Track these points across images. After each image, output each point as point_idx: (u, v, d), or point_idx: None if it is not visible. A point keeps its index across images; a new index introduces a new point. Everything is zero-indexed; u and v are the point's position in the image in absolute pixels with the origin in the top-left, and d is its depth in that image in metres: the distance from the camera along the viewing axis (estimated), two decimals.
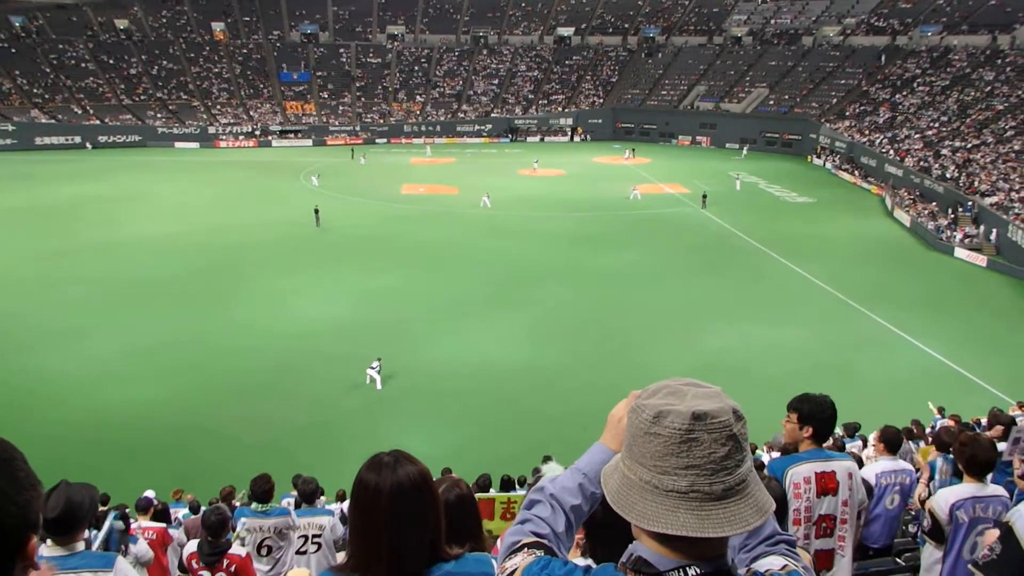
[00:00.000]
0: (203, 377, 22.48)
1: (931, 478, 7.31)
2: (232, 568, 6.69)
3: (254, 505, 7.81)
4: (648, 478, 1.56)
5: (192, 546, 6.93)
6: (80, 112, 73.96)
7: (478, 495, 9.92)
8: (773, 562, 1.98)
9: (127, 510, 9.84)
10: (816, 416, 4.71)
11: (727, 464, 1.54)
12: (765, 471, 4.88)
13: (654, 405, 1.59)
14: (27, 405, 20.39)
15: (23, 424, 18.72)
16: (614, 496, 1.64)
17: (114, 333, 25.61)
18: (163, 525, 8.76)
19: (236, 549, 6.87)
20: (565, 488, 2.07)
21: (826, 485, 4.75)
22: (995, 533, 4.36)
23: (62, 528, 4.00)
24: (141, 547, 6.63)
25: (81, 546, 4.16)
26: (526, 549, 1.91)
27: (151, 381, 22.05)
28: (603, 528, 2.26)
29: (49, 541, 4.03)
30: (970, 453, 5.32)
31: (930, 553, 5.39)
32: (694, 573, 1.58)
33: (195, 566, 6.73)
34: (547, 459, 3.74)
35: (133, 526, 7.73)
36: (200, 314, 27.44)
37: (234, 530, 8.01)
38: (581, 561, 1.90)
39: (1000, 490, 5.35)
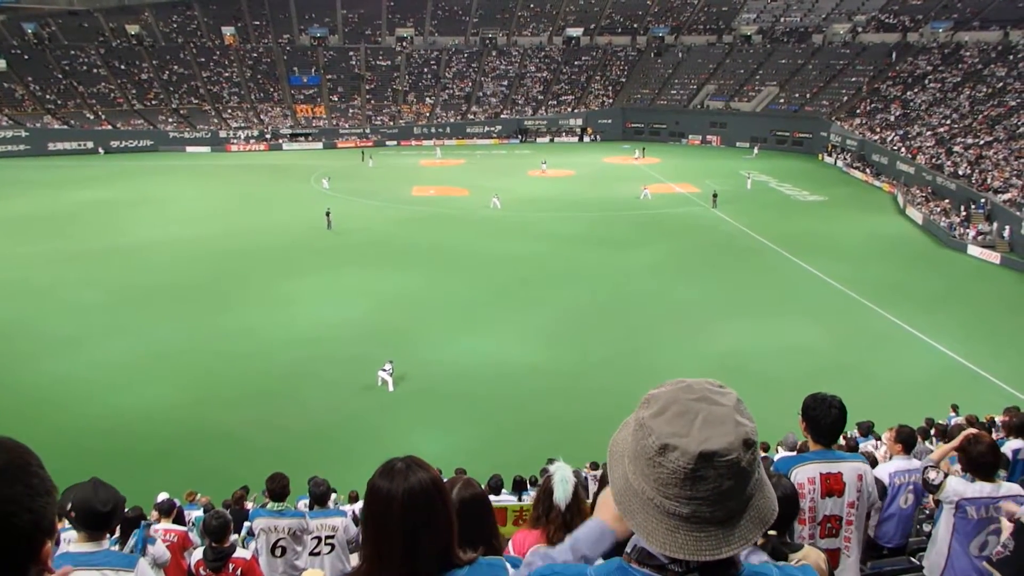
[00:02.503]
0: (213, 381, 22.57)
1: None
2: (238, 572, 6.71)
3: (270, 505, 7.85)
4: (651, 495, 1.55)
5: (199, 554, 6.97)
6: (92, 117, 74.45)
7: (490, 498, 9.93)
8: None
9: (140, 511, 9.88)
10: (810, 411, 4.67)
11: (732, 494, 1.51)
12: (772, 469, 4.86)
13: (660, 433, 1.54)
14: (35, 410, 20.42)
15: (31, 430, 18.56)
16: (618, 496, 1.64)
17: (124, 338, 25.69)
18: (184, 528, 8.81)
19: (241, 552, 6.90)
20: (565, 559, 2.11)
21: (831, 486, 4.71)
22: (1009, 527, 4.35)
23: (104, 524, 4.06)
24: (159, 548, 6.67)
25: (107, 544, 4.22)
26: None
27: (161, 385, 22.14)
28: None
29: (76, 536, 4.09)
30: (969, 457, 5.30)
31: (936, 550, 5.38)
32: (695, 564, 1.59)
33: (202, 573, 6.77)
34: (551, 461, 3.75)
35: (154, 527, 7.78)
36: (210, 318, 27.53)
37: (252, 534, 8.05)
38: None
39: (1016, 488, 5.31)
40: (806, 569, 1.88)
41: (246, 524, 9.98)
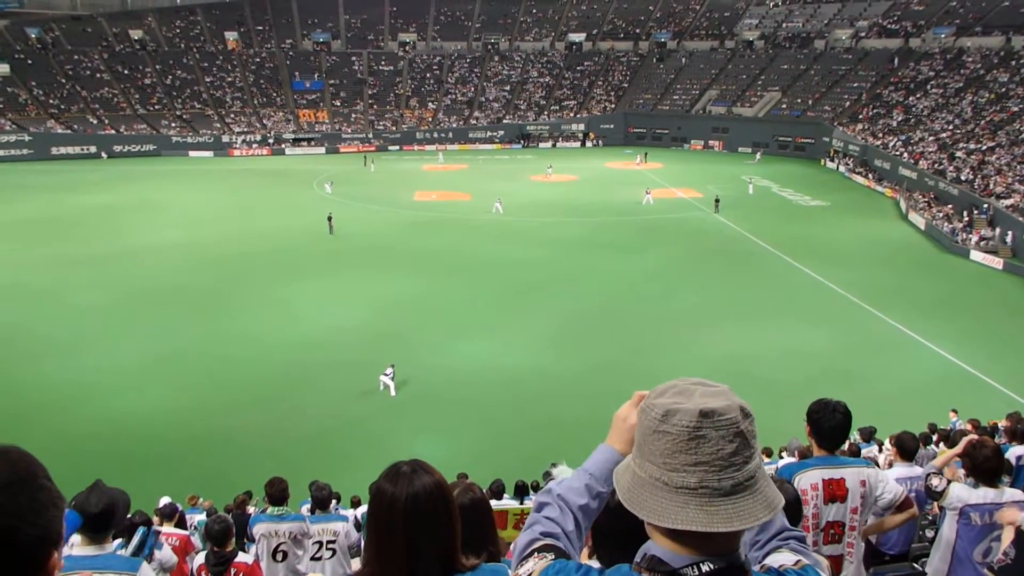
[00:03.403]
0: (215, 385, 22.57)
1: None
2: None
3: (270, 509, 7.84)
4: (658, 475, 1.59)
5: (200, 558, 6.97)
6: (95, 122, 74.53)
7: (491, 503, 9.91)
8: (786, 558, 1.99)
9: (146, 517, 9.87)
10: (814, 415, 4.68)
11: (735, 460, 1.56)
12: (775, 475, 4.85)
13: (662, 404, 1.62)
14: (37, 414, 20.43)
15: (32, 433, 18.63)
16: (625, 494, 1.66)
17: (126, 341, 25.71)
18: (186, 533, 8.81)
19: (242, 557, 6.90)
20: (572, 488, 2.07)
21: (834, 492, 4.70)
22: (1011, 531, 4.33)
23: (99, 526, 4.05)
24: (166, 553, 6.67)
25: (110, 547, 4.21)
26: (537, 553, 1.91)
27: (163, 389, 22.14)
28: (607, 534, 2.26)
29: (80, 539, 4.08)
30: (972, 462, 5.29)
31: (940, 556, 5.38)
32: (707, 569, 1.60)
33: None
34: (554, 465, 3.73)
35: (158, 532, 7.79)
36: (212, 322, 27.55)
37: (252, 539, 8.04)
38: (595, 563, 1.90)
39: (1019, 494, 5.30)
40: (807, 570, 1.89)
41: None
